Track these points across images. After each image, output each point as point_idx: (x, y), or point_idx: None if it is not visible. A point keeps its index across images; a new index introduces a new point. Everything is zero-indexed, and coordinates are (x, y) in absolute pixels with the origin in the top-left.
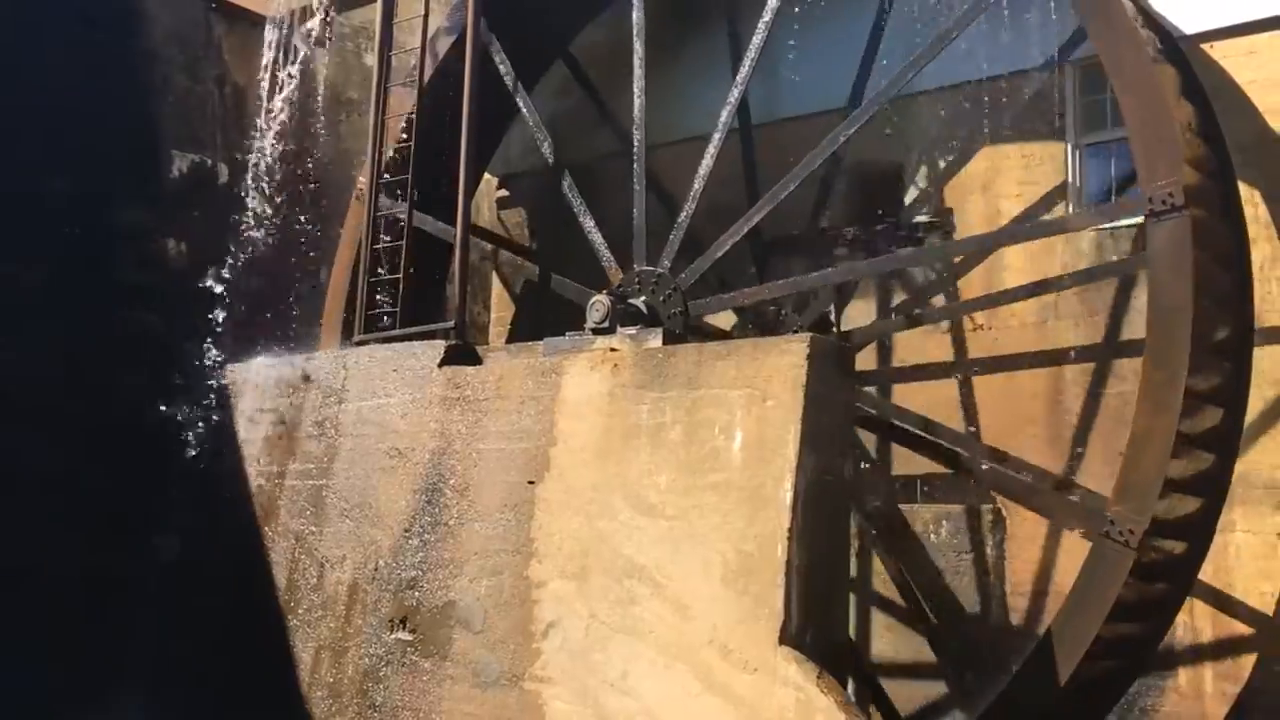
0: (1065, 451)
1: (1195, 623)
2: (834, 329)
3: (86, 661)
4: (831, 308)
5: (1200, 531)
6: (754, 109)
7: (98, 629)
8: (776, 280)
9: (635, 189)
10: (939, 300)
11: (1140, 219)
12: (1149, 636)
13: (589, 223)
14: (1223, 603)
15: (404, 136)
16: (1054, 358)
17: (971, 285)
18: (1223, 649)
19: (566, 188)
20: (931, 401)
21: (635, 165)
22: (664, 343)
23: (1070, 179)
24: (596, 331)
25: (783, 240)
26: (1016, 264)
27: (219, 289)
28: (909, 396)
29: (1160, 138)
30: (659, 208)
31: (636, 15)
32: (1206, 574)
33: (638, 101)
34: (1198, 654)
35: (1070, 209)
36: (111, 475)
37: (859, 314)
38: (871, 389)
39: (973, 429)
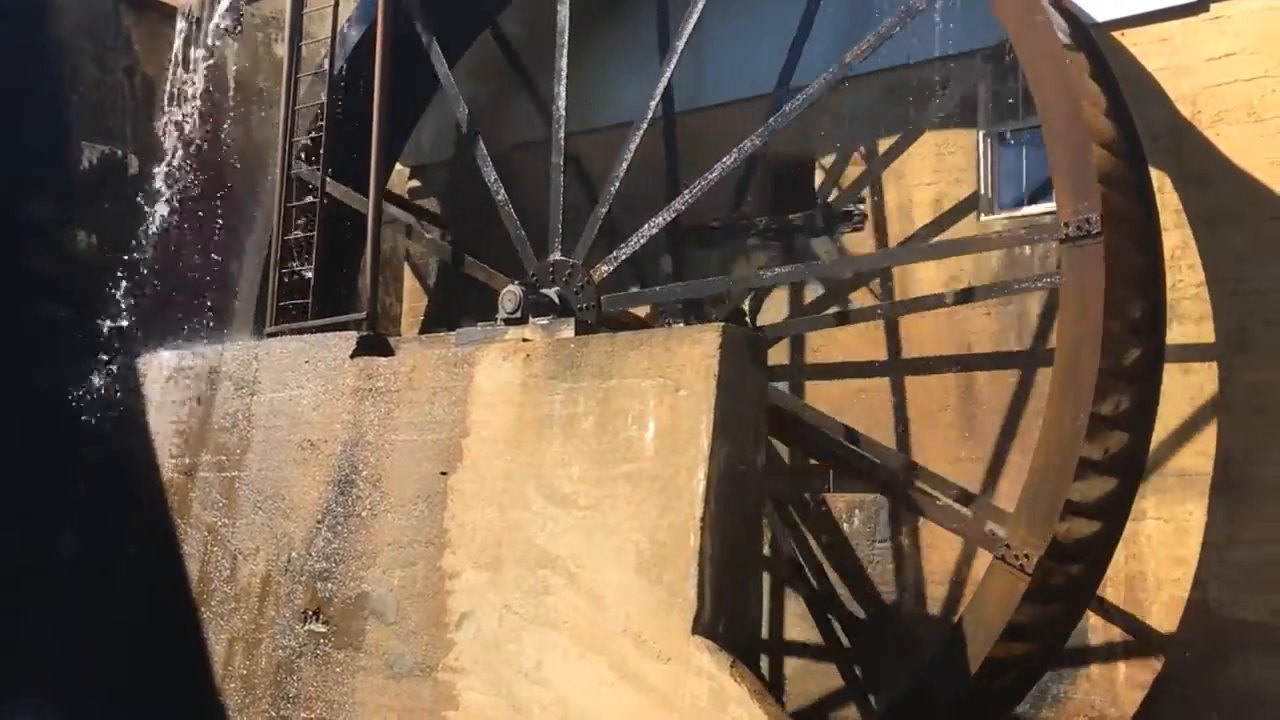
0: (977, 436)
1: (1107, 607)
2: (747, 318)
3: None
4: (746, 301)
5: (1098, 554)
6: (678, 95)
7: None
8: (692, 264)
9: (553, 176)
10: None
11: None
12: (1043, 654)
13: (502, 197)
14: (1135, 589)
15: (315, 128)
16: (966, 351)
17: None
18: (1135, 636)
19: (479, 159)
20: (845, 390)
21: (554, 152)
22: (576, 333)
23: (982, 167)
24: (509, 322)
25: (697, 229)
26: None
27: (129, 280)
28: (821, 385)
29: (1078, 158)
30: (578, 196)
31: None
32: (1119, 560)
33: (560, 73)
34: (1110, 641)
35: (982, 196)
36: (19, 468)
37: (774, 302)
38: (783, 384)
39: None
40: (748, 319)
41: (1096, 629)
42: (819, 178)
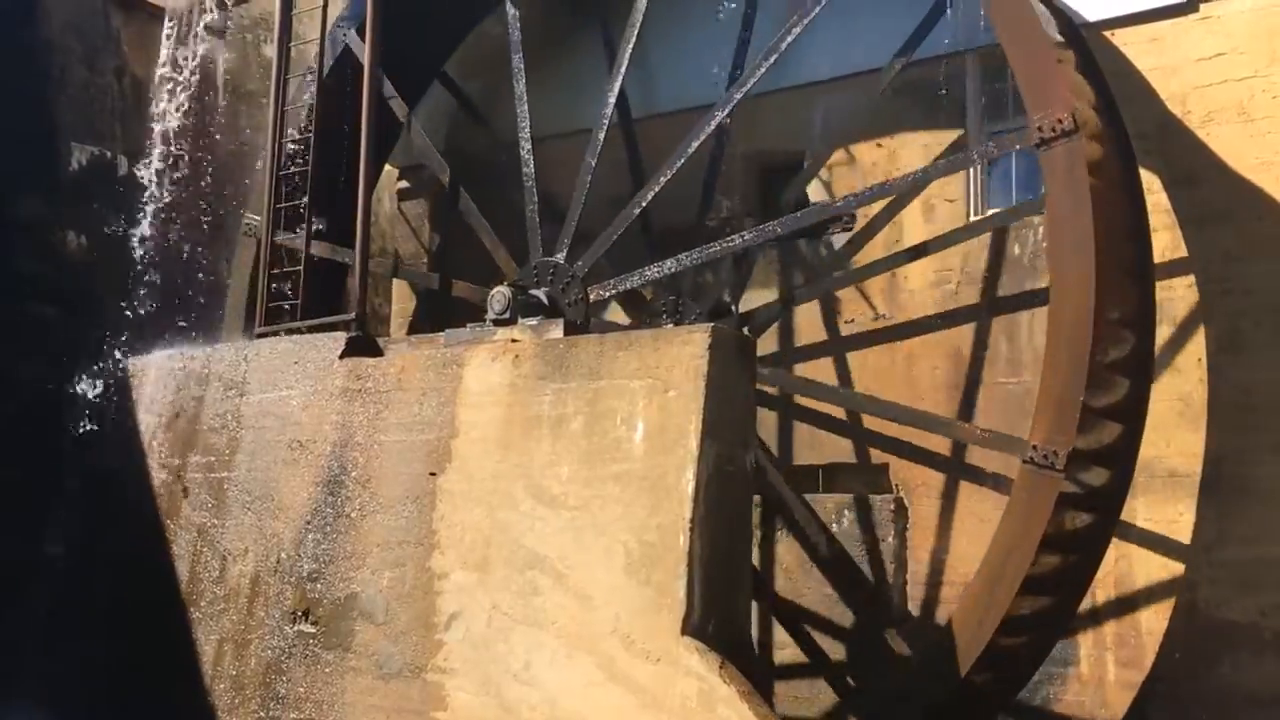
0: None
1: (1096, 609)
2: (731, 306)
3: None
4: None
5: (1046, 635)
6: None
7: None
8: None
9: (581, 175)
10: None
11: None
12: None
13: (529, 170)
14: (1124, 590)
15: (304, 129)
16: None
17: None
18: (1124, 637)
19: (520, 134)
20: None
21: (589, 150)
22: (565, 333)
23: (972, 170)
24: (497, 322)
25: (678, 230)
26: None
27: (119, 281)
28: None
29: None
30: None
31: None
32: (1109, 560)
33: (620, 67)
34: (1100, 642)
35: (972, 195)
36: (9, 468)
37: (757, 300)
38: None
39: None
40: (732, 307)
41: (1086, 629)
42: (805, 177)
